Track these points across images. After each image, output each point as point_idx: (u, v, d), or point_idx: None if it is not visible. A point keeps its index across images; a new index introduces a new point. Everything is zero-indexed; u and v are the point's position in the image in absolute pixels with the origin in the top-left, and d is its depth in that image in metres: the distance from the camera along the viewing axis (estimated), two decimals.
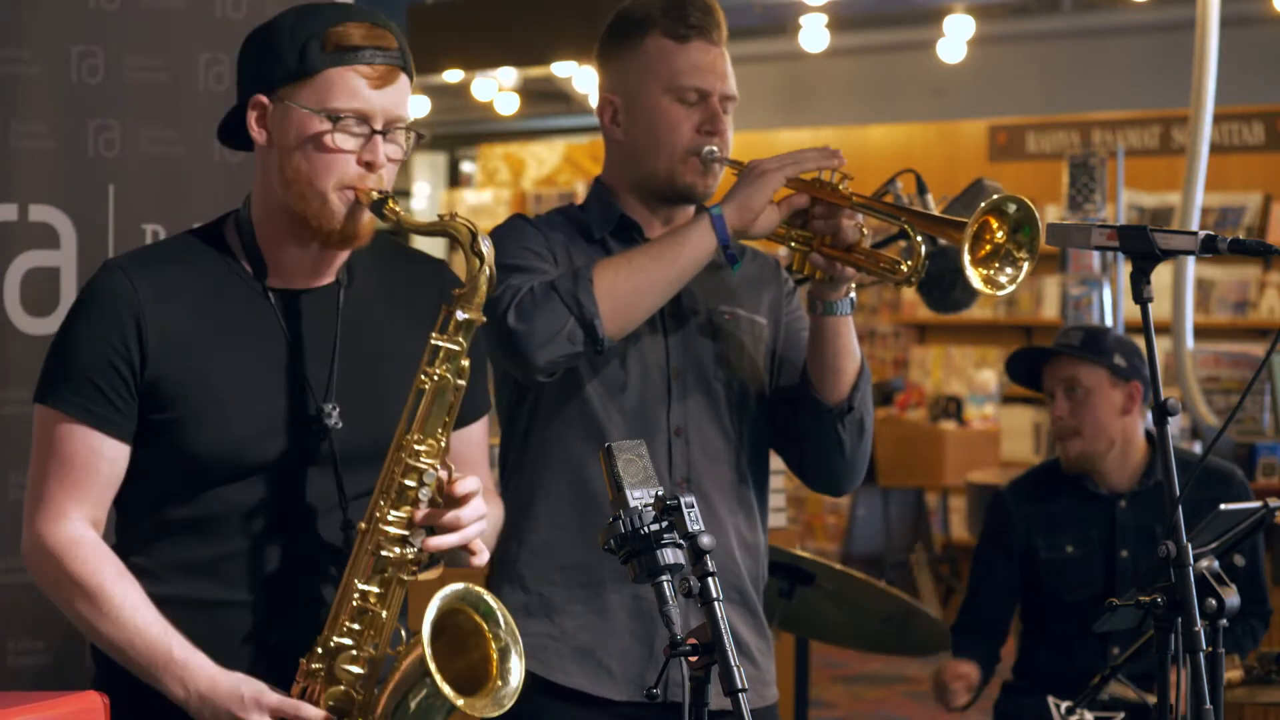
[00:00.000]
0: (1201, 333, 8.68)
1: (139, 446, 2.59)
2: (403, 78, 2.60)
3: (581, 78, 11.99)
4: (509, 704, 2.49)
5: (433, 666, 2.42)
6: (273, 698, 2.50)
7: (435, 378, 2.53)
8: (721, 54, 3.15)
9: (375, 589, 2.54)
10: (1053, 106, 11.85)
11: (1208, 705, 2.62)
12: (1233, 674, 3.91)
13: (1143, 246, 2.74)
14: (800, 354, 3.20)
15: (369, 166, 2.57)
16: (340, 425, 2.60)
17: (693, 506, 2.32)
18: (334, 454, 2.60)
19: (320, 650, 2.54)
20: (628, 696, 3.08)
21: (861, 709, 8.37)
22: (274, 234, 2.63)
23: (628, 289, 2.99)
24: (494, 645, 2.52)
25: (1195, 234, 2.74)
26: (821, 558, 4.38)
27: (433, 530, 2.55)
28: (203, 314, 2.59)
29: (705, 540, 2.30)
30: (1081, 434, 4.45)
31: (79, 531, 2.55)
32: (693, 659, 2.28)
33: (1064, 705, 3.62)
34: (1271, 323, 10.47)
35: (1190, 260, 6.85)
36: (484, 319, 2.58)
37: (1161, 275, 2.80)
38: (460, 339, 2.54)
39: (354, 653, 2.53)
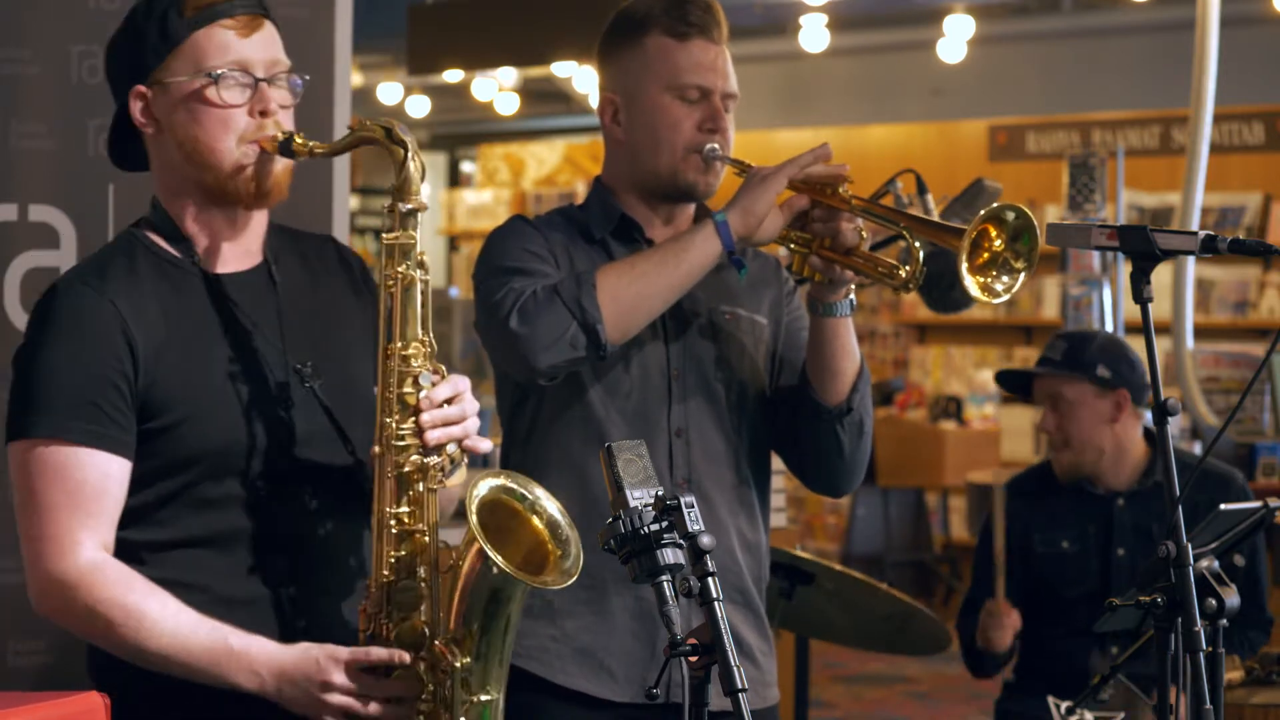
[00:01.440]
0: (1201, 333, 8.67)
1: (139, 459, 2.54)
2: (268, 24, 2.59)
3: (581, 78, 11.99)
4: (577, 569, 2.50)
5: (493, 553, 2.41)
6: (344, 651, 2.47)
7: (400, 276, 2.53)
8: (722, 52, 3.15)
9: (406, 509, 2.52)
10: (1053, 106, 11.86)
11: (1208, 705, 2.62)
12: (1233, 674, 3.91)
13: (1143, 246, 2.74)
14: (801, 354, 3.19)
15: (263, 114, 2.55)
16: (320, 380, 2.60)
17: (693, 506, 2.32)
18: (325, 408, 2.59)
19: (375, 590, 2.52)
20: (629, 698, 3.08)
21: (861, 709, 8.37)
22: (195, 216, 2.61)
23: (631, 294, 2.99)
24: (539, 522, 2.53)
25: (1195, 234, 2.74)
26: (821, 558, 4.38)
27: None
28: (169, 314, 2.56)
29: (705, 540, 2.29)
30: (1070, 446, 4.46)
31: (96, 557, 2.48)
32: (693, 659, 2.28)
33: (1064, 705, 3.62)
34: (1271, 323, 10.47)
35: (1190, 260, 6.85)
36: (425, 206, 2.57)
37: (1161, 275, 2.80)
38: (411, 231, 2.54)
39: (407, 580, 2.51)
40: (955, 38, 11.16)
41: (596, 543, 2.37)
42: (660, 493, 2.34)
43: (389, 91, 13.65)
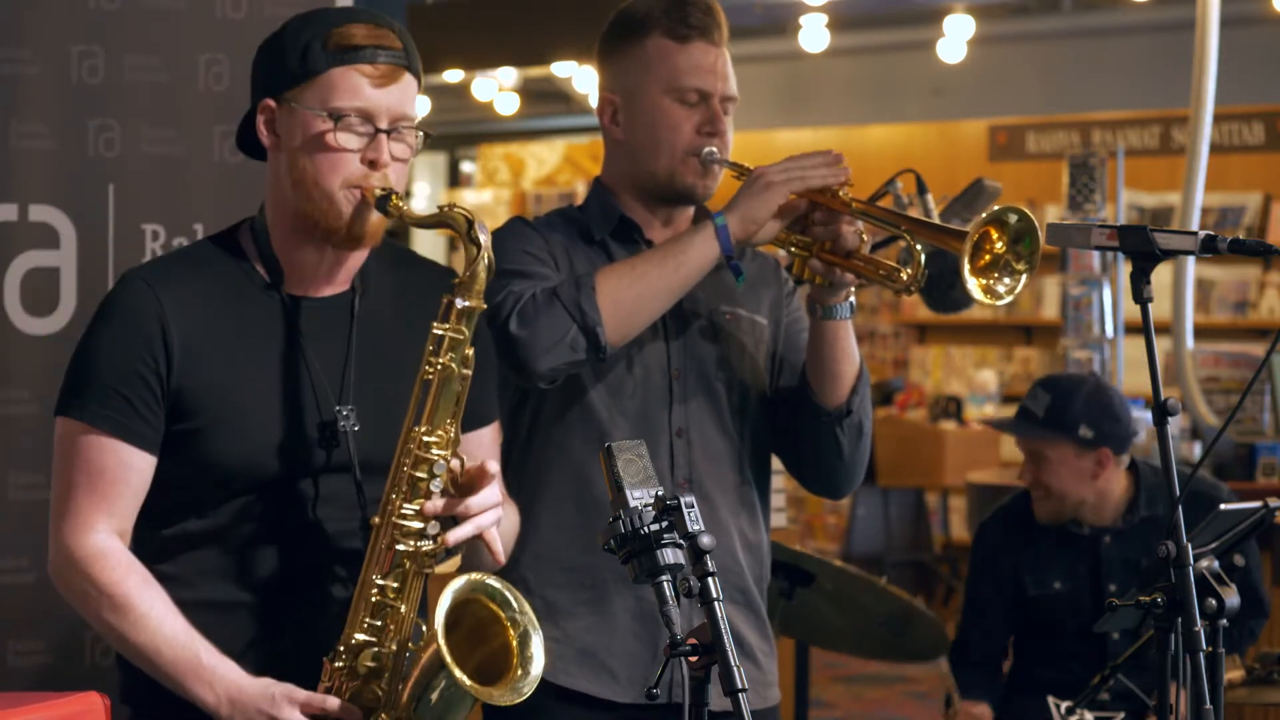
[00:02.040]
0: (1201, 333, 8.68)
1: (163, 456, 2.59)
2: (407, 77, 2.61)
3: (581, 78, 11.99)
4: (530, 690, 2.50)
5: (449, 658, 2.43)
6: (301, 694, 2.51)
7: (439, 367, 2.54)
8: (722, 55, 3.14)
9: (393, 583, 2.54)
10: (1053, 106, 11.85)
11: (1208, 705, 2.62)
12: (1234, 674, 3.91)
13: (1143, 246, 2.74)
14: (800, 355, 3.19)
15: (373, 165, 2.57)
16: (358, 428, 2.61)
17: (693, 506, 2.32)
18: (352, 457, 2.61)
19: (343, 649, 2.55)
20: (632, 698, 3.08)
21: (861, 709, 8.37)
22: (287, 238, 2.64)
23: (630, 296, 2.99)
24: (513, 632, 2.53)
25: (1195, 234, 2.74)
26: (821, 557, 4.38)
27: (450, 522, 2.55)
28: (222, 322, 2.60)
29: (705, 540, 2.29)
30: (1049, 497, 4.42)
31: (105, 542, 2.55)
32: (693, 659, 2.28)
33: (1064, 705, 3.62)
34: (1271, 323, 10.47)
35: (1190, 260, 6.85)
36: (484, 306, 2.58)
37: (1161, 275, 2.80)
38: (462, 328, 2.55)
39: (375, 649, 2.54)
40: (955, 38, 11.16)
41: (597, 543, 2.36)
42: (660, 493, 2.34)
43: None
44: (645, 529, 2.30)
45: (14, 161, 3.31)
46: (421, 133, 2.63)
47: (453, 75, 11.88)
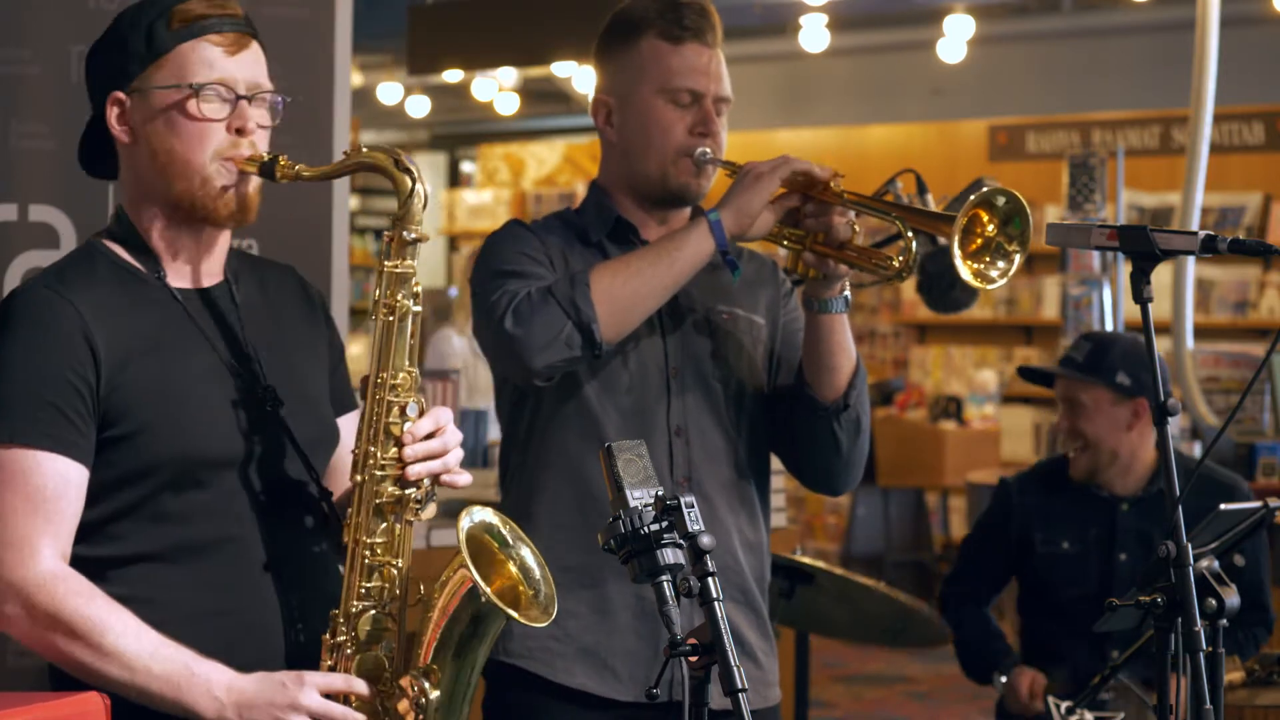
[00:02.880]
0: (1201, 333, 8.68)
1: (98, 468, 2.47)
2: (254, 44, 2.57)
3: (581, 78, 11.99)
4: (553, 609, 2.49)
5: (482, 584, 2.40)
6: (315, 674, 2.44)
7: (396, 305, 2.50)
8: (716, 56, 3.15)
9: (380, 540, 2.50)
10: (1053, 106, 11.86)
11: (1208, 705, 2.62)
12: (1234, 675, 3.91)
13: (1143, 246, 2.74)
14: (798, 353, 3.20)
15: (240, 132, 2.53)
16: (285, 405, 2.57)
17: (693, 506, 2.32)
18: (289, 431, 2.57)
19: (342, 620, 2.49)
20: (632, 697, 3.08)
21: (861, 709, 8.37)
22: (164, 231, 2.57)
23: (625, 293, 3.00)
24: (513, 566, 2.52)
25: (1195, 234, 2.74)
26: (821, 558, 4.38)
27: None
28: (133, 323, 2.51)
29: (705, 540, 2.29)
30: (1085, 447, 4.45)
31: (57, 567, 2.41)
32: (693, 659, 2.28)
33: (1064, 705, 3.62)
34: (1271, 323, 10.47)
35: (1190, 260, 6.85)
36: (427, 236, 2.55)
37: (1161, 275, 2.80)
38: (410, 261, 2.51)
39: (374, 612, 2.49)
40: (955, 38, 11.16)
41: (596, 542, 2.36)
42: (660, 493, 2.34)
43: (389, 91, 13.66)
44: (645, 529, 2.30)
45: (14, 161, 3.32)
46: (282, 99, 2.58)
47: (453, 75, 11.88)
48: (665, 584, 2.30)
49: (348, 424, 2.70)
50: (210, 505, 2.51)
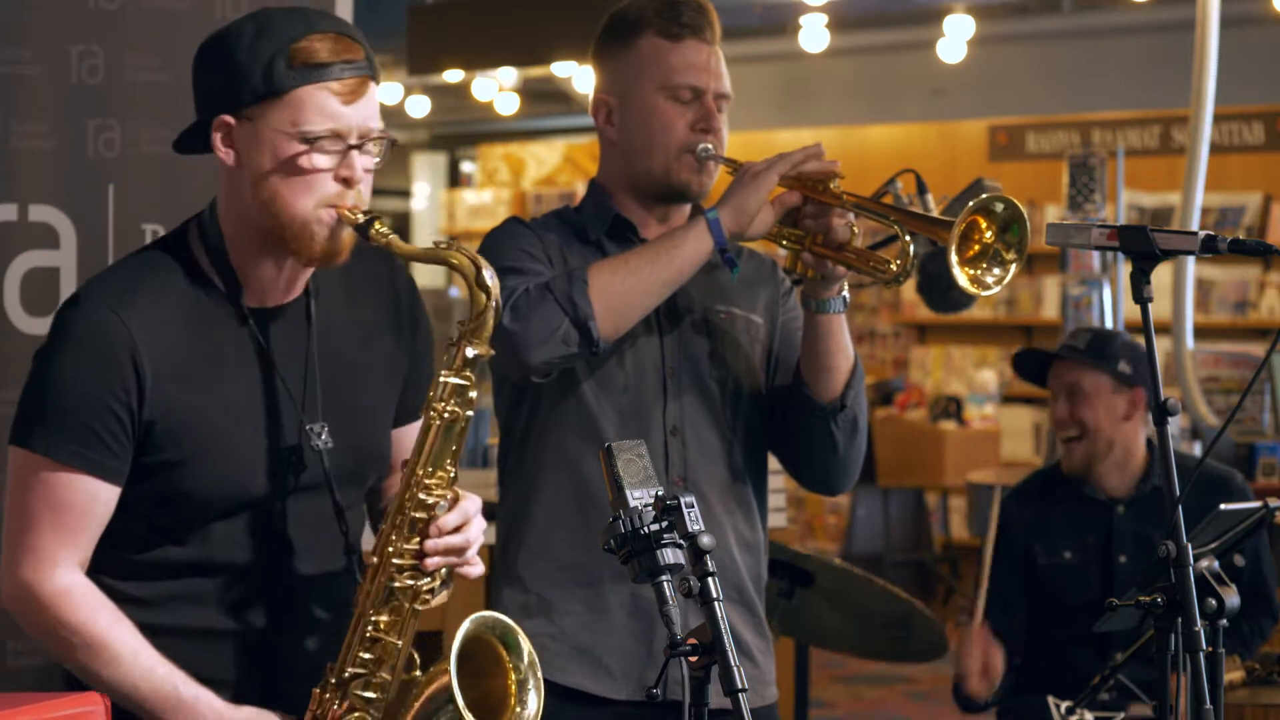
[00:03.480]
0: (1201, 333, 8.67)
1: (130, 484, 2.52)
2: (372, 87, 2.53)
3: (581, 78, 11.99)
4: None
5: (459, 696, 2.42)
6: None
7: (446, 413, 2.51)
8: (715, 53, 3.15)
9: (387, 618, 2.53)
10: (1053, 106, 11.85)
11: (1208, 705, 2.62)
12: (1234, 675, 3.91)
13: (1143, 246, 2.74)
14: (796, 353, 3.20)
15: (346, 183, 2.51)
16: (330, 445, 2.58)
17: (693, 506, 2.32)
18: (327, 475, 2.59)
19: (334, 680, 2.53)
20: (627, 695, 3.09)
21: (861, 709, 8.37)
22: (249, 253, 2.56)
23: (623, 290, 3.00)
24: (513, 677, 2.52)
25: (1195, 234, 2.74)
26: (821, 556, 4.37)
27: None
28: (190, 345, 2.53)
29: (705, 540, 2.29)
30: (1082, 437, 4.45)
31: (71, 578, 2.49)
32: (693, 659, 2.28)
33: (1064, 705, 3.62)
34: (1271, 323, 10.47)
35: (1190, 260, 6.85)
36: (492, 353, 2.55)
37: (1161, 275, 2.80)
38: (468, 374, 2.52)
39: (367, 679, 2.53)
40: (955, 38, 11.16)
41: (594, 541, 2.37)
42: (660, 493, 2.34)
43: (389, 91, 13.65)
44: (645, 529, 2.30)
45: (14, 161, 3.32)
46: (388, 140, 2.56)
47: (453, 75, 11.89)
48: (665, 584, 2.30)
49: (413, 432, 2.69)
50: (236, 535, 2.56)
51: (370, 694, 2.52)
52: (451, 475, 2.53)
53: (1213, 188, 8.76)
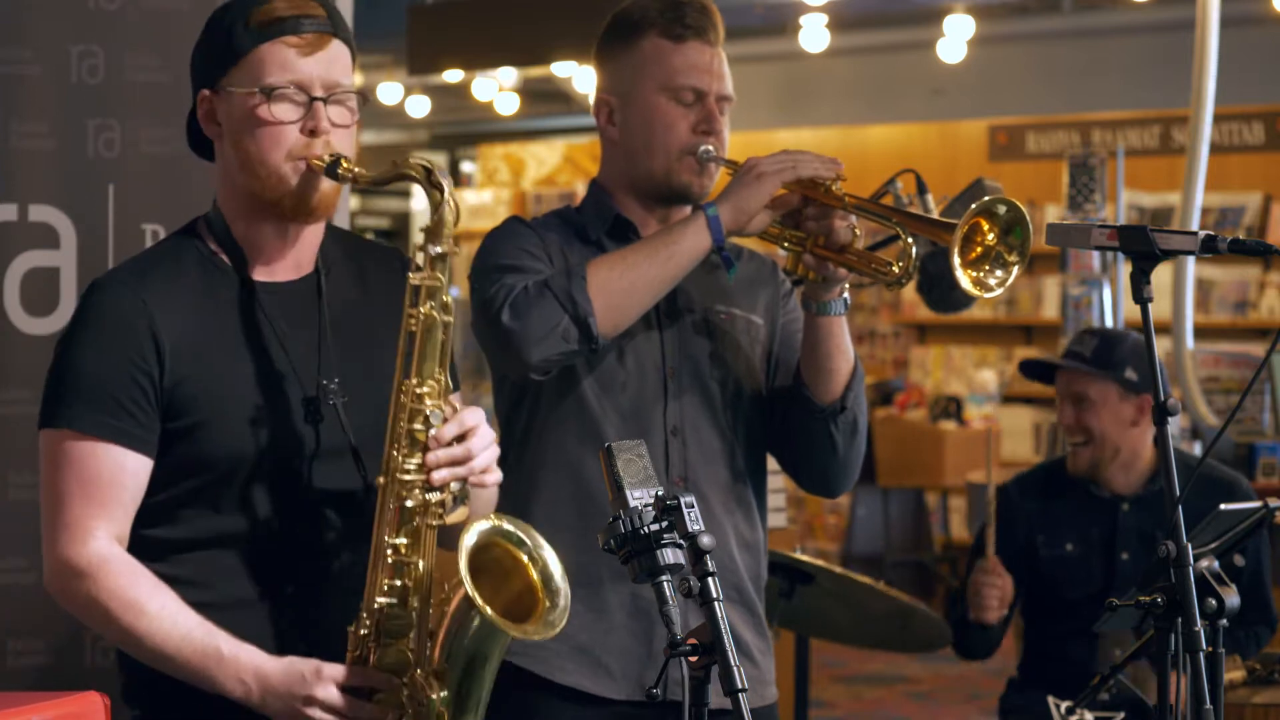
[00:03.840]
0: (1201, 333, 8.68)
1: (159, 456, 2.57)
2: (335, 43, 2.60)
3: (581, 78, 11.99)
4: (562, 622, 2.52)
5: (478, 600, 2.43)
6: (334, 668, 2.50)
7: (422, 317, 2.54)
8: (718, 54, 3.15)
9: (404, 540, 2.53)
10: (1053, 106, 11.86)
11: (1208, 705, 2.62)
12: (1234, 674, 3.91)
13: (1143, 246, 2.74)
14: (796, 355, 3.20)
15: (313, 133, 2.57)
16: (346, 399, 2.61)
17: (693, 506, 2.32)
18: (346, 428, 2.61)
19: (365, 615, 2.54)
20: (627, 695, 3.09)
21: (861, 709, 8.37)
22: (246, 223, 2.63)
23: (621, 286, 3.00)
24: (533, 570, 2.54)
25: (1195, 234, 2.74)
26: (821, 558, 4.38)
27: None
28: (202, 317, 2.59)
29: (705, 540, 2.30)
30: (1089, 443, 4.44)
31: (107, 549, 2.52)
32: (693, 659, 2.28)
33: (1064, 705, 3.62)
34: (1271, 323, 10.47)
35: (1190, 260, 6.85)
36: (456, 250, 2.59)
37: (1161, 275, 2.80)
38: (438, 274, 2.56)
39: (398, 609, 2.53)
40: (955, 38, 11.16)
41: (594, 541, 2.37)
42: (660, 493, 2.34)
43: (389, 91, 13.66)
44: (645, 529, 2.30)
45: (14, 161, 3.32)
46: (360, 96, 2.62)
47: (453, 75, 11.88)
48: (665, 584, 2.30)
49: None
50: (262, 499, 2.59)
51: (403, 623, 2.53)
52: (442, 383, 2.55)
53: (1213, 188, 8.76)
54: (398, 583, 2.53)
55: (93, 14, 3.36)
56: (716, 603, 2.28)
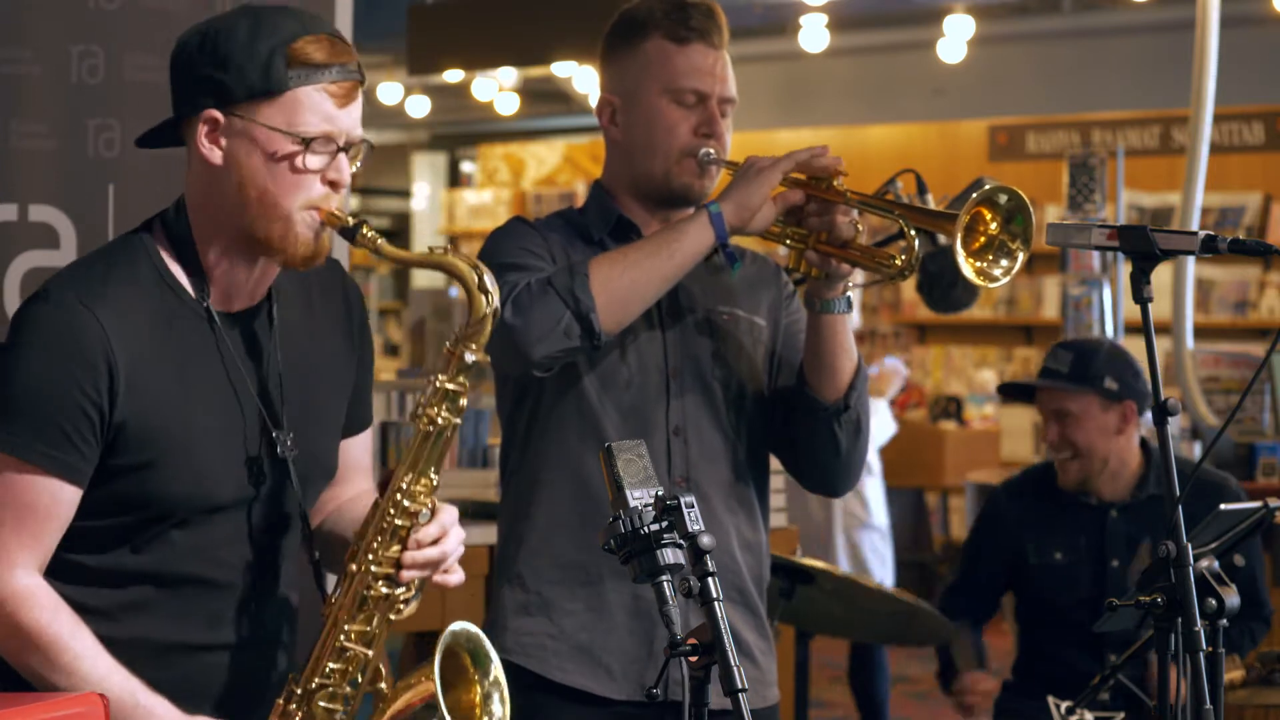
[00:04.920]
0: (1201, 333, 8.67)
1: (94, 486, 2.47)
2: (360, 93, 2.53)
3: (581, 78, 12.00)
4: None
5: (444, 708, 2.43)
6: None
7: (438, 420, 2.50)
8: (721, 57, 3.15)
9: (358, 628, 2.51)
10: (1053, 106, 11.86)
11: (1208, 705, 2.62)
12: (1234, 675, 3.91)
13: (1143, 246, 2.74)
14: (799, 355, 3.20)
15: (333, 186, 2.50)
16: (296, 452, 2.56)
17: (693, 506, 2.32)
18: (294, 482, 2.56)
19: (299, 690, 2.51)
20: (627, 695, 3.08)
21: None
22: (222, 254, 2.53)
23: (624, 283, 3.00)
24: (478, 690, 2.53)
25: (1195, 234, 2.74)
26: (822, 561, 4.38)
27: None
28: (158, 347, 2.49)
29: (705, 540, 2.29)
30: (1076, 457, 4.44)
31: (30, 580, 2.44)
32: (693, 659, 2.28)
33: (1064, 705, 3.62)
34: (1271, 323, 10.47)
35: (1190, 260, 6.85)
36: (489, 360, 2.55)
37: (1161, 275, 2.80)
38: (462, 380, 2.51)
39: (331, 690, 2.51)
40: (955, 38, 11.16)
41: (595, 540, 2.37)
42: (660, 493, 2.34)
43: (389, 91, 13.66)
44: (645, 529, 2.30)
45: (14, 161, 3.31)
46: (367, 145, 2.55)
47: (453, 75, 11.89)
48: (665, 584, 2.30)
49: (359, 443, 2.72)
50: (202, 542, 2.52)
51: (334, 705, 2.50)
52: (434, 484, 2.52)
53: (1213, 188, 8.76)
54: (338, 666, 2.51)
55: (93, 14, 3.36)
56: (716, 603, 2.28)
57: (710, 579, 2.29)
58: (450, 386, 2.50)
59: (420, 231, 17.72)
